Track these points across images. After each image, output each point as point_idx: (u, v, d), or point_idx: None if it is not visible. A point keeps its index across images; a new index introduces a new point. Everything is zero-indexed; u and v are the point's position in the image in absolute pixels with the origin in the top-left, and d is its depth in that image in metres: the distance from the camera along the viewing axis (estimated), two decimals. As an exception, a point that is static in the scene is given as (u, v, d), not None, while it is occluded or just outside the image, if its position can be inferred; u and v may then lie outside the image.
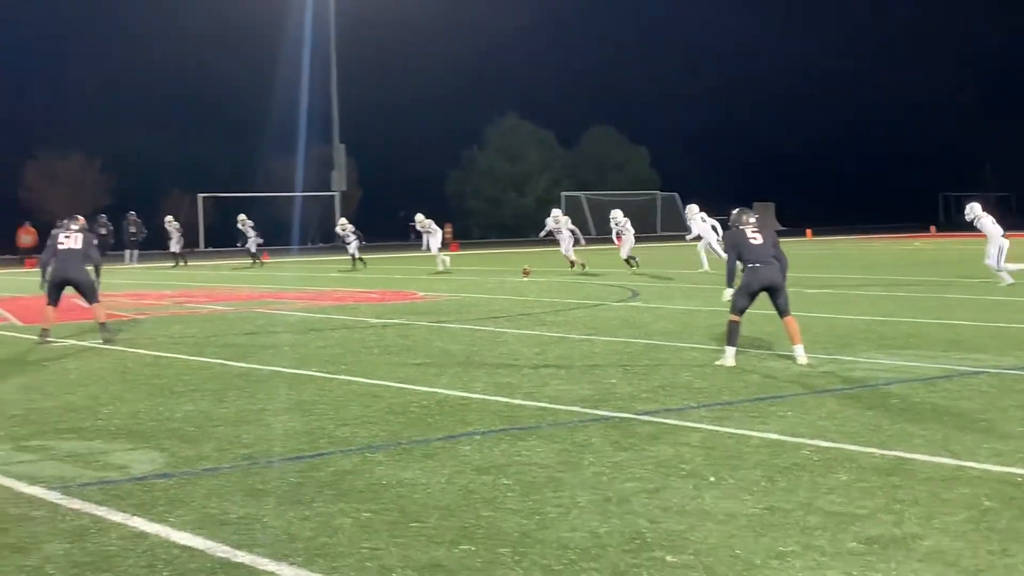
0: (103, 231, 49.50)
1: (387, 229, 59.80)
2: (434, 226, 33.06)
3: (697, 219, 29.37)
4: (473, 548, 5.57)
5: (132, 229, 46.62)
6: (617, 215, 30.75)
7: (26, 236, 47.98)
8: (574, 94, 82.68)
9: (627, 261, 29.41)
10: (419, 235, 33.98)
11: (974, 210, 23.42)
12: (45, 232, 16.10)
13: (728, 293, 12.22)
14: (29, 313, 15.37)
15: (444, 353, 13.19)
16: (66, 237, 15.12)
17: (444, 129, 75.74)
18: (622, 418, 8.87)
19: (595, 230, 61.95)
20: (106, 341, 14.73)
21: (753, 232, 11.92)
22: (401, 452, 7.79)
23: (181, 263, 41.16)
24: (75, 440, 8.46)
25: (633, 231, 30.39)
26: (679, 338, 14.12)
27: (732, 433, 8.18)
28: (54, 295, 15.14)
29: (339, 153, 62.76)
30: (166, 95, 70.69)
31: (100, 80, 68.47)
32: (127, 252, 46.31)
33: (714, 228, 28.67)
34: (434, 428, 8.63)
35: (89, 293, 15.12)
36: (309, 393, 10.40)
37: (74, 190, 64.79)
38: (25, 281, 15.51)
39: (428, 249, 33.05)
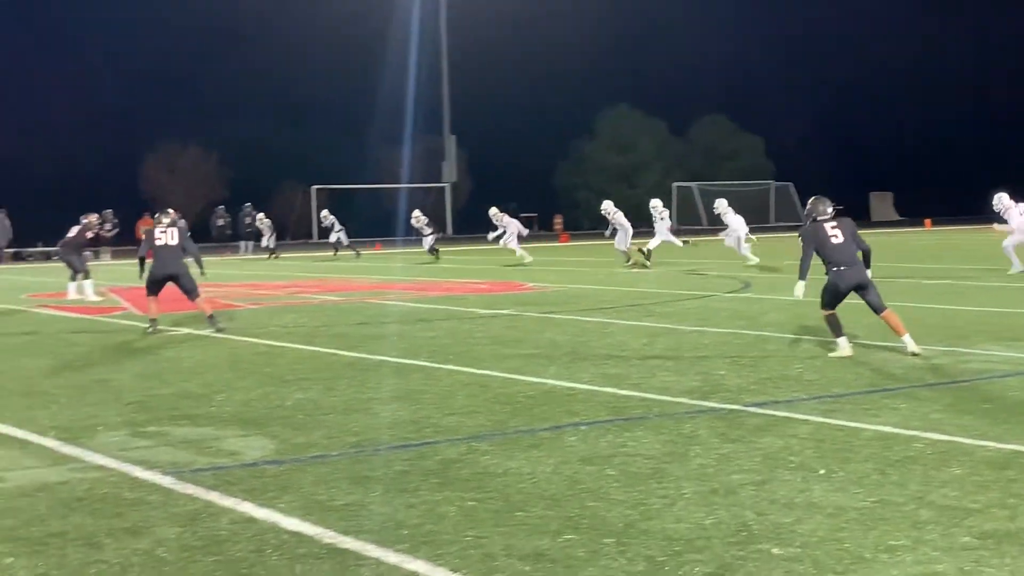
0: (221, 222, 50.58)
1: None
2: (507, 219, 33.11)
3: (729, 212, 29.13)
4: (577, 538, 5.57)
5: (247, 220, 47.49)
6: (657, 204, 30.58)
7: (145, 227, 49.10)
8: (685, 83, 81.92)
9: (646, 251, 29.11)
10: (530, 225, 33.96)
11: (1002, 200, 22.81)
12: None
13: (800, 287, 11.89)
14: (146, 302, 15.71)
15: (552, 344, 13.18)
16: (162, 233, 15.36)
17: (554, 120, 75.62)
18: (730, 410, 8.78)
19: (707, 221, 61.47)
20: (217, 331, 14.96)
21: (833, 229, 11.55)
22: (507, 442, 7.81)
23: (274, 256, 41.64)
24: (189, 426, 8.64)
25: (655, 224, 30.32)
26: (790, 330, 13.93)
27: (843, 426, 8.05)
28: (155, 288, 15.44)
29: (450, 144, 63.15)
30: (279, 88, 71.71)
31: (216, 74, 69.76)
32: (242, 243, 47.21)
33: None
34: (540, 418, 8.63)
35: (190, 288, 15.34)
36: (417, 382, 10.48)
37: (192, 182, 66.20)
38: (144, 271, 16.22)
39: (514, 242, 32.92)
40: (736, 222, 28.84)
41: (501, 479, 6.76)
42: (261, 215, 44.74)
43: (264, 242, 43.17)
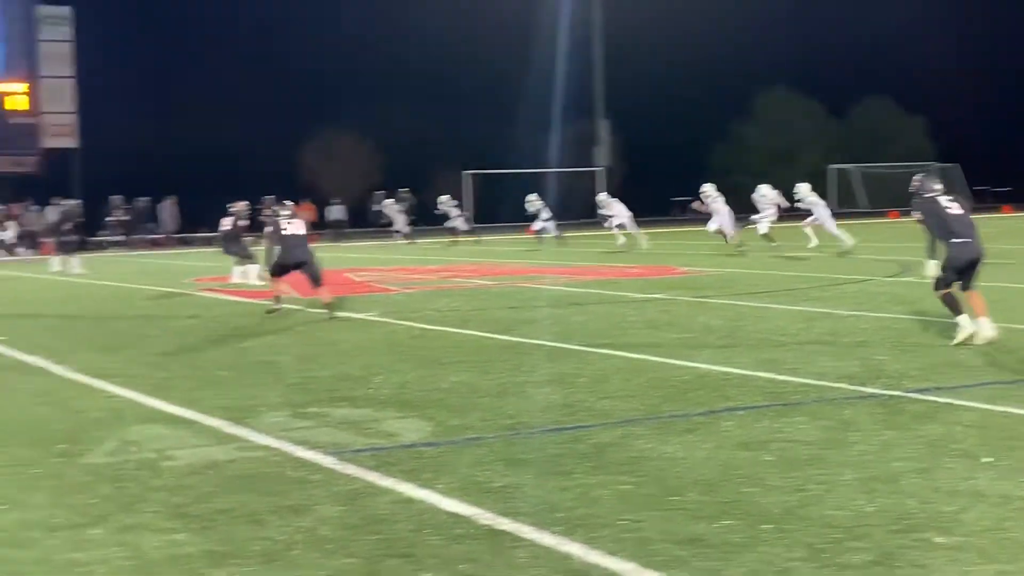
0: (377, 207, 51.34)
1: (651, 205, 59.49)
2: (616, 205, 33.32)
3: (811, 196, 28.64)
4: (734, 523, 5.52)
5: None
6: (765, 190, 30.01)
7: (305, 213, 50.09)
8: (845, 64, 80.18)
9: (766, 236, 28.85)
10: (682, 210, 33.91)
11: None
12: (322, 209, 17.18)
13: (932, 266, 11.72)
14: (306, 287, 16.10)
15: (706, 328, 13.08)
16: (288, 223, 15.97)
17: (710, 102, 74.75)
18: (891, 396, 8.61)
19: (868, 204, 60.24)
20: (331, 318, 15.19)
21: (948, 201, 11.36)
22: (661, 426, 7.78)
23: (408, 242, 41.59)
24: (348, 408, 8.81)
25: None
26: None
27: (1009, 413, 7.83)
28: (281, 272, 16.08)
29: (603, 129, 63.00)
30: (432, 74, 72.37)
31: (369, 62, 70.75)
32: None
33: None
34: (695, 403, 8.58)
35: (315, 276, 15.75)
36: (570, 366, 10.50)
37: (348, 169, 67.29)
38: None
39: (614, 228, 33.12)
40: (818, 206, 28.53)
41: (656, 463, 6.74)
42: (389, 200, 45.08)
43: (397, 227, 43.47)
